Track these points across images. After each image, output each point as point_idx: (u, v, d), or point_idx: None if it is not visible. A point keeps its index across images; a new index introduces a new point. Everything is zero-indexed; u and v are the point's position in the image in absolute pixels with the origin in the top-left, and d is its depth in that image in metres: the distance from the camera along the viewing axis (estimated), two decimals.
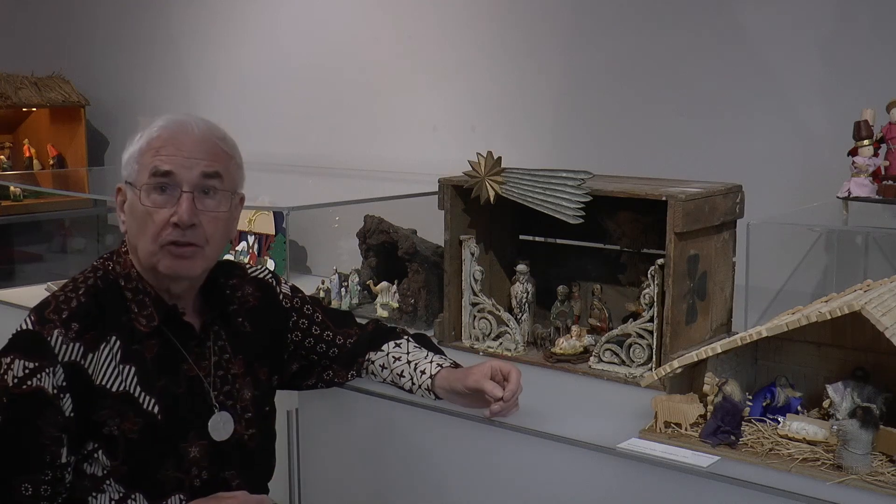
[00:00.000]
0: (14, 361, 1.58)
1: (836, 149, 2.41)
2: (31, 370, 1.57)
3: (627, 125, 3.01)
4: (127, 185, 1.69)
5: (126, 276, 1.69)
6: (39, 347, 1.59)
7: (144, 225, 1.66)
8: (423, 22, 3.54)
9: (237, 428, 1.75)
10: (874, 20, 2.55)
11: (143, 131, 1.70)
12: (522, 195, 2.18)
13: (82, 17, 5.07)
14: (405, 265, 2.68)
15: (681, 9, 2.88)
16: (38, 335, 1.60)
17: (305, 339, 1.96)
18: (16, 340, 1.61)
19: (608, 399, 2.00)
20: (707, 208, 2.08)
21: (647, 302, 2.08)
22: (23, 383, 1.57)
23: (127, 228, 1.70)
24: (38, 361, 1.58)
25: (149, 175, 1.66)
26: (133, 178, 1.68)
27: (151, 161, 1.66)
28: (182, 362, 1.71)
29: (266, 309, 1.87)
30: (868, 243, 2.55)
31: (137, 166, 1.67)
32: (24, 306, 2.89)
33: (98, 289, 1.67)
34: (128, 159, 1.69)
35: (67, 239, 5.17)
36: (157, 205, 1.65)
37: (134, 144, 1.70)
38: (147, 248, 1.66)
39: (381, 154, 3.63)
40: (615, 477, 1.69)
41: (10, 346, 1.61)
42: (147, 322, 1.67)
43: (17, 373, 1.57)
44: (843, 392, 1.71)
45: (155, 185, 1.65)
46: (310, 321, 1.97)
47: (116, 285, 1.68)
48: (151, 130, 1.69)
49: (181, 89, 4.55)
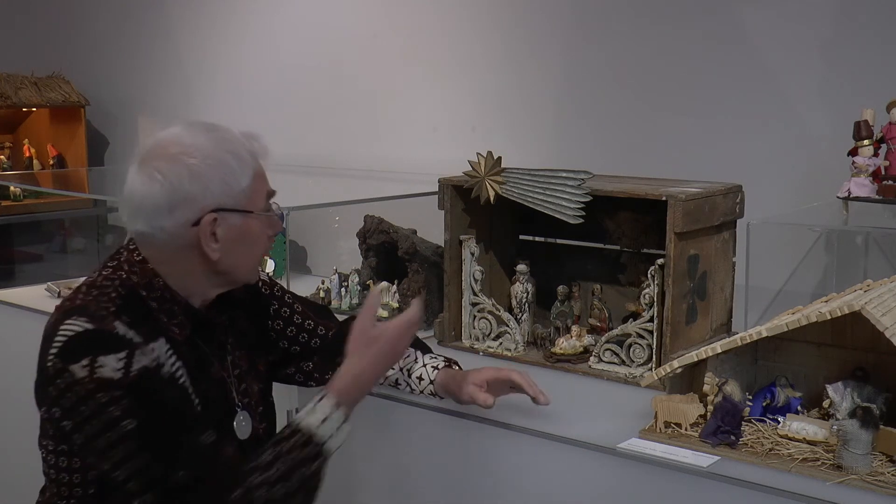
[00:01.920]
0: (99, 358, 1.49)
1: (836, 149, 2.41)
2: (125, 357, 1.50)
3: (628, 125, 3.01)
4: (233, 212, 1.61)
5: (148, 285, 1.62)
6: (115, 339, 1.52)
7: (255, 247, 1.67)
8: (423, 22, 3.54)
9: (253, 424, 1.76)
10: (874, 20, 2.55)
11: (232, 151, 1.61)
12: (522, 195, 2.17)
13: (82, 17, 5.07)
14: (405, 265, 2.68)
15: (681, 9, 2.88)
16: (104, 330, 1.51)
17: (287, 328, 1.93)
18: (83, 342, 1.51)
19: (608, 399, 2.00)
20: (707, 208, 2.08)
21: (647, 302, 2.08)
22: (129, 371, 1.49)
23: (222, 255, 1.62)
24: (125, 349, 1.51)
25: (265, 200, 1.66)
26: (244, 204, 1.62)
27: (263, 185, 1.66)
28: (210, 365, 1.70)
29: (251, 299, 1.85)
30: (868, 243, 2.55)
31: (251, 192, 1.62)
32: (24, 306, 2.90)
33: (125, 294, 1.60)
34: (232, 186, 1.60)
35: (67, 239, 5.17)
36: (273, 226, 1.68)
37: (237, 169, 1.61)
38: (251, 266, 1.70)
39: (381, 154, 3.63)
40: (615, 477, 1.69)
41: (78, 351, 1.50)
42: (180, 330, 1.63)
43: (114, 366, 1.49)
44: (843, 392, 1.71)
45: (268, 208, 1.67)
46: (290, 310, 1.94)
47: (138, 295, 1.61)
48: (250, 149, 1.64)
49: (181, 89, 4.55)
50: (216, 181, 1.59)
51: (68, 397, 1.50)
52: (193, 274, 1.65)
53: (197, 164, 1.58)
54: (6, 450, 3.02)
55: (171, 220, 1.58)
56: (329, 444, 1.60)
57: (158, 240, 1.61)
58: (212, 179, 1.58)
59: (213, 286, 1.70)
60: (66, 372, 1.49)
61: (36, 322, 2.84)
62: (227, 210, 1.60)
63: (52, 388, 1.52)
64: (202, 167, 1.58)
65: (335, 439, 1.61)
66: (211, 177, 1.58)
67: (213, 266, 1.64)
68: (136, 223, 1.61)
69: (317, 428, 1.60)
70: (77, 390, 1.49)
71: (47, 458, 1.64)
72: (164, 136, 1.62)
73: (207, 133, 1.62)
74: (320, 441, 1.60)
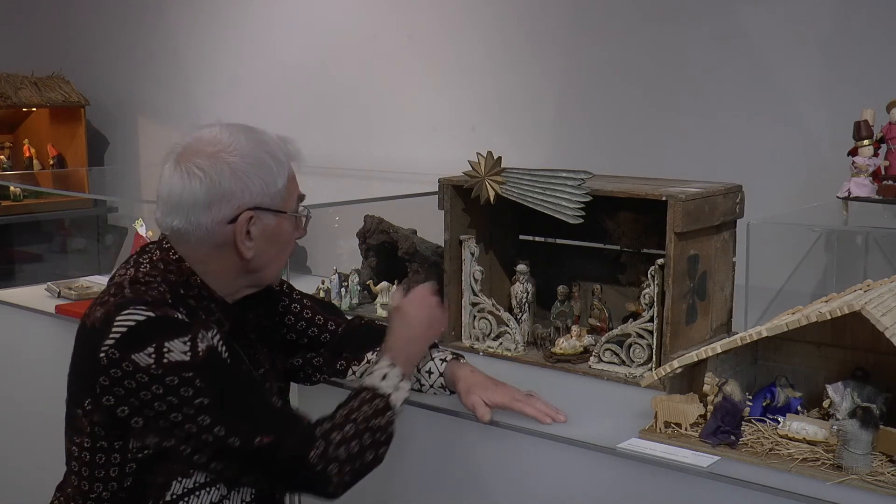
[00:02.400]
0: (165, 344, 1.51)
1: (836, 149, 2.41)
2: (189, 340, 1.53)
3: (627, 125, 3.01)
4: (268, 212, 1.65)
5: (185, 283, 1.64)
6: (177, 324, 1.54)
7: (286, 248, 1.73)
8: (423, 22, 3.54)
9: None
10: (874, 20, 2.55)
11: (269, 152, 1.65)
12: (522, 195, 2.17)
13: (82, 17, 5.07)
14: (405, 265, 2.68)
15: (681, 9, 2.88)
16: (167, 317, 1.54)
17: (298, 323, 1.95)
18: (146, 330, 1.52)
19: (608, 399, 2.00)
20: (707, 208, 2.08)
21: (647, 302, 2.08)
22: (196, 352, 1.52)
23: (256, 253, 1.66)
24: (188, 333, 1.54)
25: (296, 202, 1.71)
26: (279, 204, 1.66)
27: (295, 188, 1.71)
28: (241, 363, 1.72)
29: (265, 295, 1.86)
30: (868, 243, 2.55)
31: (286, 193, 1.67)
32: (24, 306, 2.90)
33: (170, 290, 1.61)
34: (269, 186, 1.64)
35: (67, 239, 5.17)
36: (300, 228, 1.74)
37: (275, 169, 1.65)
38: (278, 267, 1.74)
39: (381, 154, 3.63)
40: (615, 477, 1.69)
41: (142, 340, 1.51)
42: (219, 328, 1.65)
43: (182, 349, 1.51)
44: (843, 392, 1.71)
45: (298, 210, 1.72)
46: (300, 305, 1.97)
47: (178, 293, 1.63)
48: (285, 152, 1.68)
49: (181, 89, 4.55)
50: (255, 180, 1.63)
51: (126, 384, 1.51)
52: (226, 272, 1.68)
53: (237, 162, 1.61)
54: (6, 448, 3.02)
55: (208, 216, 1.61)
56: (394, 397, 1.70)
57: (194, 236, 1.63)
58: (251, 178, 1.62)
59: (242, 287, 1.74)
60: (126, 361, 1.51)
61: (36, 322, 2.85)
62: (263, 209, 1.64)
63: (103, 377, 1.52)
64: (242, 165, 1.61)
65: (398, 394, 1.71)
66: (251, 175, 1.62)
67: (244, 265, 1.67)
68: (172, 219, 1.63)
69: (380, 382, 1.71)
70: (140, 377, 1.50)
71: (80, 455, 1.62)
72: (202, 135, 1.65)
73: (246, 133, 1.66)
74: (385, 393, 1.69)
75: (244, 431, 1.54)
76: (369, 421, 1.64)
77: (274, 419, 1.59)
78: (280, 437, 1.56)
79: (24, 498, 2.80)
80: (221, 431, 1.53)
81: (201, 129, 1.67)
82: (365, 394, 1.69)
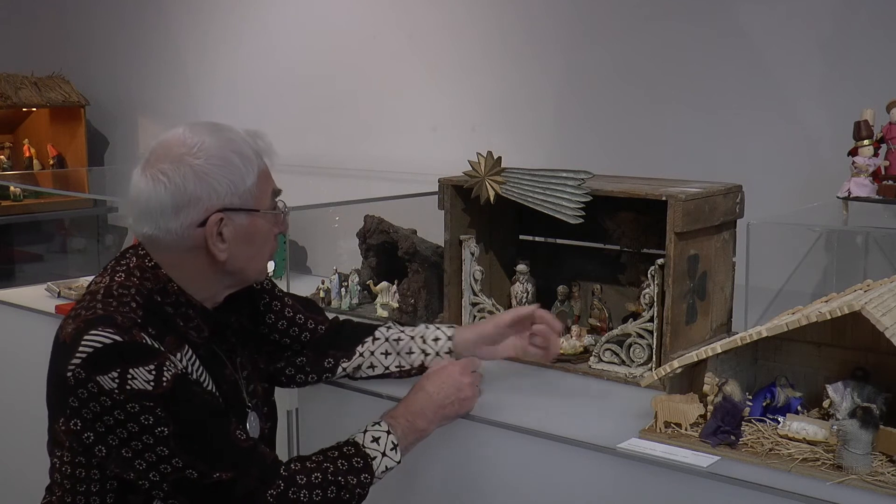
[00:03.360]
0: (129, 371, 1.47)
1: (836, 149, 2.41)
2: (155, 369, 1.49)
3: (628, 125, 3.01)
4: (239, 212, 1.61)
5: (162, 291, 1.61)
6: (144, 350, 1.51)
7: (264, 246, 1.68)
8: (423, 21, 3.54)
9: (260, 424, 1.77)
10: (874, 20, 2.55)
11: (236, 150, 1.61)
12: (522, 195, 2.17)
13: (82, 17, 5.07)
14: (405, 265, 2.68)
15: (681, 9, 2.88)
16: (133, 342, 1.50)
17: (279, 322, 1.92)
18: (111, 354, 1.49)
19: (608, 399, 2.00)
20: (707, 208, 2.08)
21: (647, 302, 2.07)
22: (160, 382, 1.49)
23: (230, 255, 1.62)
24: (154, 361, 1.50)
25: (270, 198, 1.67)
26: (251, 203, 1.62)
27: (268, 184, 1.67)
28: (224, 367, 1.70)
29: (245, 295, 1.83)
30: (868, 243, 2.55)
31: (257, 191, 1.63)
32: (24, 306, 2.90)
33: (143, 303, 1.58)
34: (237, 185, 1.60)
35: (67, 239, 5.17)
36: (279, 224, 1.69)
37: (242, 168, 1.61)
38: (260, 265, 1.70)
39: (381, 154, 3.63)
40: (615, 477, 1.69)
41: (106, 363, 1.48)
42: (198, 334, 1.64)
43: (146, 377, 1.48)
44: (843, 392, 1.71)
45: (274, 206, 1.67)
46: (281, 303, 1.93)
47: (154, 301, 1.60)
48: (255, 148, 1.64)
49: (181, 89, 4.55)
50: (221, 181, 1.59)
51: (91, 407, 1.48)
52: (204, 275, 1.65)
53: (201, 164, 1.58)
54: (6, 447, 3.02)
55: (176, 221, 1.58)
56: (377, 462, 1.65)
57: (165, 242, 1.60)
58: (217, 180, 1.58)
59: (224, 287, 1.71)
60: (91, 382, 1.47)
61: (36, 322, 2.85)
62: (234, 210, 1.61)
63: (72, 398, 1.50)
64: (207, 167, 1.58)
65: (382, 460, 1.66)
66: (216, 177, 1.58)
67: (222, 266, 1.64)
68: (142, 226, 1.61)
69: (368, 443, 1.66)
70: (103, 401, 1.48)
71: (61, 467, 1.61)
72: (167, 137, 1.62)
73: (211, 133, 1.62)
74: (368, 455, 1.65)
75: (203, 465, 1.52)
76: (340, 476, 1.60)
77: (235, 454, 1.55)
78: (239, 474, 1.54)
79: (22, 499, 2.80)
80: (179, 463, 1.50)
81: (168, 131, 1.64)
82: (348, 448, 1.65)
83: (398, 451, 1.69)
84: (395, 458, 1.69)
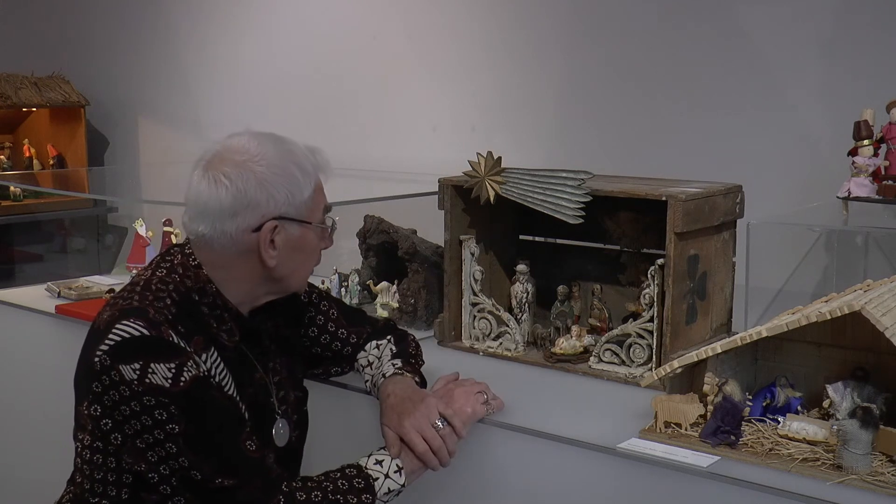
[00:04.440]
0: (149, 366, 1.51)
1: (836, 149, 2.41)
2: (175, 367, 1.52)
3: (628, 125, 3.01)
4: (293, 222, 1.66)
5: (200, 290, 1.65)
6: (168, 348, 1.54)
7: (309, 257, 1.73)
8: (423, 22, 3.54)
9: (289, 432, 1.78)
10: (874, 20, 2.55)
11: (297, 163, 1.65)
12: (522, 195, 2.17)
13: (82, 17, 5.07)
14: (405, 265, 2.68)
15: (681, 9, 2.88)
16: (160, 338, 1.54)
17: (321, 336, 1.95)
18: (137, 346, 1.53)
19: (608, 399, 2.00)
20: (707, 208, 2.08)
21: (647, 302, 2.08)
22: (178, 381, 1.52)
23: (279, 262, 1.67)
24: (176, 360, 1.53)
25: (322, 213, 1.72)
26: (305, 215, 1.68)
27: (322, 199, 1.72)
28: (254, 371, 1.72)
29: (289, 305, 1.87)
30: (868, 243, 2.55)
31: (312, 204, 1.68)
32: (24, 306, 2.90)
33: (178, 300, 1.62)
34: (295, 196, 1.65)
35: (67, 239, 5.17)
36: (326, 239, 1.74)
37: (301, 180, 1.65)
38: (303, 276, 1.76)
39: (381, 154, 3.63)
40: (615, 477, 1.69)
41: (131, 354, 1.52)
42: (229, 337, 1.66)
43: (165, 374, 1.51)
44: (843, 392, 1.71)
45: (324, 221, 1.73)
46: (325, 317, 1.96)
47: (191, 300, 1.64)
48: (313, 163, 1.69)
49: (181, 89, 4.55)
50: (281, 190, 1.63)
51: (112, 395, 1.53)
52: (248, 279, 1.69)
53: (264, 171, 1.62)
54: (7, 448, 3.02)
55: (233, 224, 1.62)
56: (378, 483, 1.66)
57: (218, 243, 1.64)
58: (277, 188, 1.63)
59: (265, 293, 1.74)
60: (114, 370, 1.52)
61: (36, 322, 2.85)
62: (288, 219, 1.65)
63: (96, 383, 1.54)
64: (269, 175, 1.62)
65: (385, 482, 1.67)
66: (276, 185, 1.63)
67: (268, 273, 1.68)
68: (198, 225, 1.64)
69: (372, 465, 1.68)
70: (122, 390, 1.52)
71: (82, 451, 1.64)
72: (231, 143, 1.66)
73: (274, 143, 1.67)
74: (369, 477, 1.66)
75: (207, 468, 1.54)
76: (340, 495, 1.61)
77: (241, 463, 1.57)
78: (241, 483, 1.56)
79: (25, 498, 2.80)
80: (185, 462, 1.53)
81: (231, 136, 1.68)
82: (350, 469, 1.67)
83: (402, 474, 1.70)
84: (399, 480, 1.69)
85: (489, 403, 1.84)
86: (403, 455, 1.72)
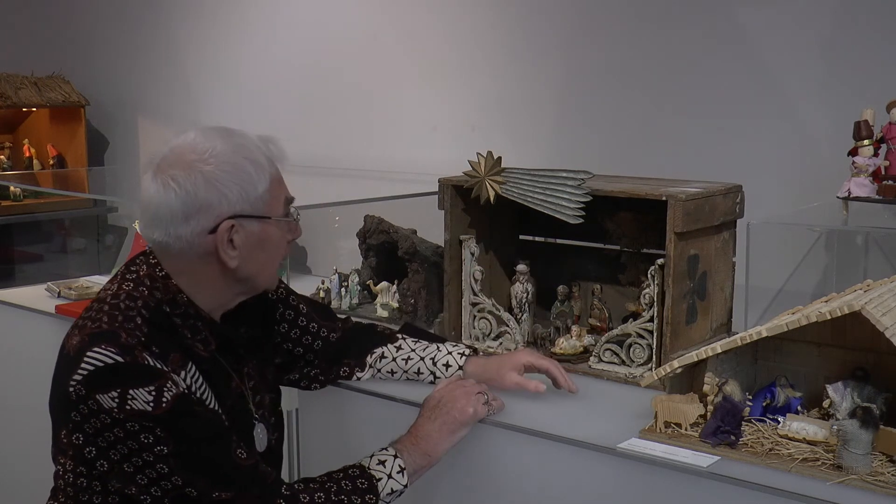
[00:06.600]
0: (128, 392, 1.46)
1: (836, 149, 2.41)
2: (155, 390, 1.47)
3: (628, 125, 3.01)
4: (251, 219, 1.59)
5: (171, 301, 1.60)
6: (145, 371, 1.49)
7: (274, 253, 1.66)
8: (423, 21, 3.54)
9: (267, 435, 1.76)
10: (874, 20, 2.55)
11: (248, 156, 1.59)
12: (522, 195, 2.17)
13: (82, 17, 5.07)
14: (405, 265, 2.68)
15: (681, 9, 2.88)
16: (134, 363, 1.48)
17: (292, 331, 1.92)
18: (111, 374, 1.47)
19: (608, 399, 2.00)
20: (707, 208, 2.08)
21: (647, 302, 2.08)
22: (160, 403, 1.47)
23: (241, 262, 1.61)
24: (155, 383, 1.48)
25: (283, 205, 1.65)
26: (262, 210, 1.60)
27: (281, 190, 1.65)
28: (231, 379, 1.69)
29: (258, 303, 1.82)
30: (868, 243, 2.55)
31: (269, 197, 1.61)
32: (24, 306, 2.90)
33: (149, 316, 1.56)
34: (249, 192, 1.58)
35: (67, 239, 5.17)
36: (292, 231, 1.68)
37: (254, 175, 1.59)
38: (270, 273, 1.69)
39: (381, 154, 3.63)
40: (615, 477, 1.69)
41: (106, 383, 1.47)
42: (205, 347, 1.62)
43: (146, 398, 1.46)
44: (843, 392, 1.71)
45: (286, 213, 1.66)
46: (296, 312, 1.92)
47: (163, 313, 1.58)
48: (267, 154, 1.62)
49: (181, 89, 4.55)
50: (233, 188, 1.57)
51: (93, 423, 1.48)
52: (214, 283, 1.63)
53: (213, 170, 1.56)
54: (6, 447, 3.02)
55: (187, 228, 1.56)
56: (381, 484, 1.65)
57: (175, 249, 1.58)
58: (228, 186, 1.56)
59: (235, 294, 1.69)
60: (91, 400, 1.47)
61: (36, 322, 2.85)
62: (245, 217, 1.59)
63: (74, 413, 1.49)
64: (218, 174, 1.56)
65: (388, 482, 1.66)
66: (227, 183, 1.56)
67: (232, 274, 1.62)
68: (152, 232, 1.59)
69: (374, 465, 1.66)
70: (103, 418, 1.47)
71: (64, 475, 1.60)
72: (179, 143, 1.60)
73: (223, 138, 1.60)
74: (372, 477, 1.64)
75: (202, 484, 1.51)
76: (344, 495, 1.60)
77: (236, 474, 1.54)
78: (239, 493, 1.54)
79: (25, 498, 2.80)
80: (179, 481, 1.50)
81: (179, 135, 1.62)
82: (353, 470, 1.65)
83: (405, 474, 1.69)
84: (402, 481, 1.68)
85: (490, 404, 1.84)
86: (406, 455, 1.71)
